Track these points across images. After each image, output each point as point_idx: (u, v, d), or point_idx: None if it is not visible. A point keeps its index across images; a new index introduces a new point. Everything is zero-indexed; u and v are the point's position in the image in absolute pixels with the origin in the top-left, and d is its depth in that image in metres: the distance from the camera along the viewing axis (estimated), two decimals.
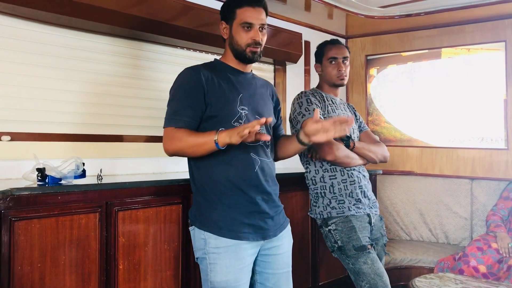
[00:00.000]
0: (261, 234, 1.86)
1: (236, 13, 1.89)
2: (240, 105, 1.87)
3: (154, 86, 2.85)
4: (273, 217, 1.91)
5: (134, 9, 2.45)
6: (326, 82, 2.59)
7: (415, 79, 3.96)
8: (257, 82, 2.04)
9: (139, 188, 2.08)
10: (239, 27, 1.88)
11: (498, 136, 3.57)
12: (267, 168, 1.92)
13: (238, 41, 1.89)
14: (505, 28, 3.52)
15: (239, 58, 1.93)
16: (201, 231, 1.83)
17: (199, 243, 1.84)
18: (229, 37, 1.92)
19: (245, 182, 1.83)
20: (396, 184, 3.91)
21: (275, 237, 1.92)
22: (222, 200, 1.82)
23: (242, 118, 1.85)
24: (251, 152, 1.87)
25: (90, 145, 2.53)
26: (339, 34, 4.06)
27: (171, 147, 1.78)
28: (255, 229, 1.85)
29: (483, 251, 3.02)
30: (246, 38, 1.88)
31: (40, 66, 2.36)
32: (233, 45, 1.91)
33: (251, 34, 1.88)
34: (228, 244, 1.79)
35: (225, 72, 1.92)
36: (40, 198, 1.78)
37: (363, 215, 2.42)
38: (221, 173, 1.82)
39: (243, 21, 1.87)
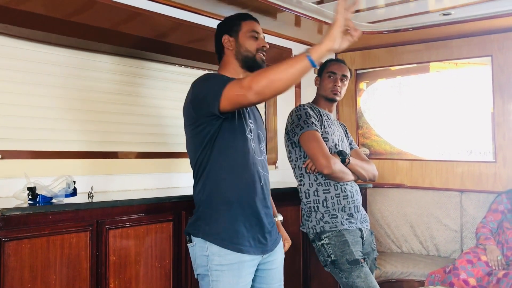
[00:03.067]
0: (261, 249, 1.88)
1: (242, 24, 1.98)
2: (249, 118, 1.93)
3: (146, 102, 2.87)
4: (270, 231, 1.93)
5: (124, 26, 2.48)
6: (321, 96, 2.64)
7: (404, 92, 4.01)
8: None
9: (130, 206, 2.08)
10: (247, 35, 1.96)
11: (486, 149, 3.61)
12: (268, 183, 1.98)
13: (248, 47, 1.95)
14: (491, 43, 3.58)
15: (248, 64, 1.96)
16: (203, 248, 1.80)
17: (201, 260, 1.82)
18: (236, 47, 1.96)
19: (252, 196, 1.86)
20: (386, 197, 3.94)
21: (272, 251, 1.94)
22: (229, 212, 1.82)
23: (252, 132, 1.91)
24: (258, 166, 1.90)
25: (81, 162, 2.53)
26: None
27: (257, 80, 1.60)
28: (256, 243, 1.86)
29: (473, 264, 3.05)
30: (255, 45, 1.96)
31: (30, 84, 2.37)
32: (242, 53, 1.95)
33: (260, 41, 1.98)
34: (232, 261, 1.79)
35: None
36: (30, 217, 1.77)
37: (355, 229, 2.44)
38: (231, 185, 1.82)
39: (252, 29, 1.97)
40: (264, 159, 1.98)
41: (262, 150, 1.98)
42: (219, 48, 2.03)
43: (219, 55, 2.05)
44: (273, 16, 3.14)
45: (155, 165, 2.86)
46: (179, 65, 3.02)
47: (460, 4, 3.03)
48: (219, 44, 2.02)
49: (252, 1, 2.81)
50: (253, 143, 1.91)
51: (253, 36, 1.97)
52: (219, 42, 2.01)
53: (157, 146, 2.90)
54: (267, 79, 1.58)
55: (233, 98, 1.67)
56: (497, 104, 3.56)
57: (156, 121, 2.90)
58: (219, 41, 2.01)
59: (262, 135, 2.02)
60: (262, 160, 1.96)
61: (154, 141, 2.89)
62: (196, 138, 1.84)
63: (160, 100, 2.92)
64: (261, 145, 1.99)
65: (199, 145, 1.82)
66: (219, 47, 2.03)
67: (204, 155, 1.82)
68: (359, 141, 4.14)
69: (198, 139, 1.83)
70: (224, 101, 1.69)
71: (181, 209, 2.27)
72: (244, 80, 1.64)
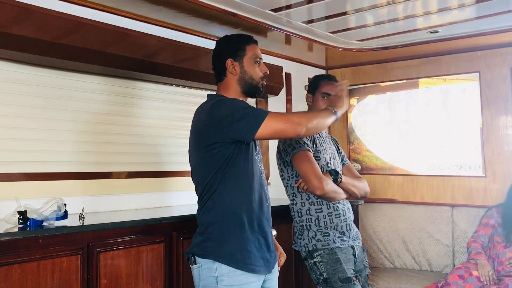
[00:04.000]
0: (268, 268, 1.91)
1: (246, 49, 1.96)
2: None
3: (137, 122, 2.87)
4: (273, 249, 1.98)
5: (114, 48, 2.49)
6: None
7: (394, 108, 4.05)
8: None
9: (121, 228, 2.08)
10: (252, 61, 1.96)
11: (476, 164, 3.64)
12: (270, 204, 2.02)
13: (253, 75, 1.96)
14: (479, 59, 3.63)
15: (251, 91, 1.99)
16: (211, 269, 1.79)
17: (208, 281, 1.80)
18: (240, 73, 1.95)
19: (261, 216, 1.90)
20: (378, 212, 3.95)
21: (273, 269, 1.97)
22: (241, 233, 1.83)
23: (258, 154, 1.97)
24: (264, 186, 1.95)
25: (72, 183, 2.52)
26: (320, 66, 4.15)
27: (309, 120, 1.87)
28: (264, 262, 1.88)
29: (465, 279, 3.05)
30: (259, 72, 1.97)
31: (21, 106, 2.37)
32: (246, 80, 1.95)
33: (262, 68, 1.99)
34: (241, 282, 1.80)
35: None
36: (21, 242, 1.77)
37: (347, 247, 2.44)
38: (243, 206, 1.84)
39: (256, 55, 1.97)
40: (265, 179, 2.02)
41: (262, 171, 2.02)
42: (220, 70, 1.98)
43: (218, 75, 2.00)
44: (264, 35, 3.18)
45: (146, 185, 2.86)
46: (170, 84, 3.04)
47: (448, 22, 3.09)
48: (220, 66, 1.97)
49: (243, 21, 2.84)
50: (260, 164, 1.98)
51: (257, 62, 1.97)
52: (221, 64, 1.96)
53: (148, 166, 2.90)
54: (316, 121, 1.88)
55: (277, 129, 1.81)
56: (485, 119, 3.60)
57: (146, 140, 2.91)
58: (221, 63, 1.96)
59: (260, 155, 2.06)
60: (265, 179, 2.01)
61: (145, 160, 2.89)
62: (208, 160, 1.83)
63: (151, 120, 2.93)
64: (261, 165, 2.02)
65: (212, 168, 1.82)
66: (219, 68, 1.98)
67: (216, 177, 1.82)
68: (350, 156, 4.16)
69: (211, 162, 1.82)
70: (264, 130, 1.77)
71: (173, 230, 2.26)
72: (291, 116, 1.96)
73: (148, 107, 2.93)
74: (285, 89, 3.81)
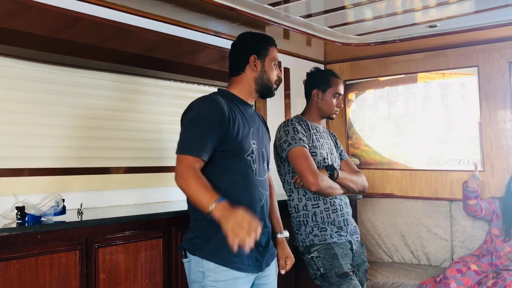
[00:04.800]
0: (259, 266, 1.89)
1: (269, 50, 1.99)
2: (252, 139, 1.92)
3: (135, 117, 2.87)
4: (267, 248, 1.95)
5: (112, 42, 2.49)
6: (318, 111, 2.62)
7: (392, 103, 4.04)
8: (257, 115, 2.09)
9: (120, 223, 2.08)
10: (271, 64, 1.99)
11: (474, 158, 3.64)
12: (268, 201, 1.99)
13: (270, 77, 1.98)
14: (477, 53, 3.63)
15: (264, 92, 2.00)
16: (199, 264, 1.80)
17: (196, 276, 1.82)
18: (260, 72, 1.96)
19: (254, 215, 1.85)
20: (377, 206, 3.96)
21: (267, 267, 1.95)
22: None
23: (254, 152, 1.90)
24: (260, 186, 1.91)
25: (70, 179, 2.52)
26: (318, 60, 4.14)
27: (180, 181, 1.72)
28: (254, 261, 1.87)
29: (463, 273, 3.06)
30: (275, 75, 2.01)
31: (18, 101, 2.37)
32: (263, 79, 1.97)
33: (278, 72, 2.03)
34: (227, 278, 1.79)
35: (235, 103, 1.93)
36: (19, 238, 1.77)
37: (345, 242, 2.45)
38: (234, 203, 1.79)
39: (276, 58, 2.01)
40: (266, 178, 1.98)
41: (264, 169, 1.98)
42: (240, 64, 1.98)
43: (237, 69, 1.99)
44: (262, 29, 3.16)
45: (145, 180, 2.85)
46: (169, 79, 3.03)
47: (446, 17, 3.07)
48: (242, 60, 1.97)
49: (241, 15, 2.83)
50: (255, 164, 1.91)
51: (275, 65, 2.01)
52: (244, 58, 1.96)
53: (146, 161, 2.90)
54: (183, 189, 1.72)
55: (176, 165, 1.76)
56: (484, 113, 3.60)
57: (145, 135, 2.90)
58: (244, 57, 1.96)
59: (266, 153, 2.01)
60: (265, 179, 1.97)
61: (143, 155, 2.89)
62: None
63: (149, 115, 2.93)
64: (264, 164, 1.99)
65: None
66: (240, 62, 1.98)
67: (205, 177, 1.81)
68: (349, 151, 4.16)
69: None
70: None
71: (171, 225, 2.27)
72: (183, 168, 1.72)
73: (146, 102, 2.92)
74: (284, 84, 3.80)
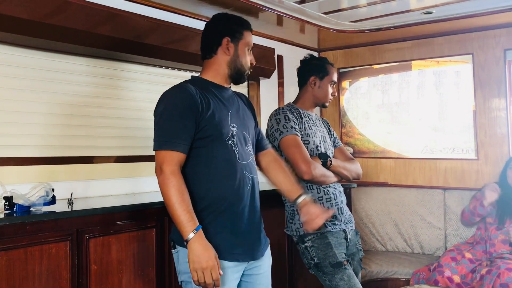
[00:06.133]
0: (251, 255, 1.85)
1: (244, 34, 1.94)
2: (231, 122, 1.86)
3: (126, 105, 2.81)
4: (259, 236, 1.91)
5: (102, 28, 2.41)
6: (313, 98, 2.59)
7: (386, 91, 4.02)
8: (236, 97, 2.02)
9: (111, 213, 2.03)
10: (245, 48, 1.94)
11: (468, 147, 3.63)
12: (256, 186, 1.93)
13: (243, 62, 1.93)
14: (472, 41, 3.60)
15: (237, 77, 1.95)
16: (186, 254, 1.75)
17: (184, 266, 1.78)
18: (233, 55, 1.91)
19: (240, 201, 1.81)
20: (370, 195, 3.94)
21: (262, 256, 1.90)
22: (215, 221, 1.77)
23: (234, 136, 1.84)
24: (244, 170, 1.85)
25: (60, 168, 2.46)
26: (312, 48, 4.09)
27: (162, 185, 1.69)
28: (245, 249, 1.83)
29: (457, 261, 3.06)
30: (248, 60, 1.96)
31: (3, 88, 2.29)
32: (236, 64, 1.92)
33: (252, 58, 1.98)
34: None
35: (209, 88, 1.88)
36: (7, 229, 1.72)
37: (339, 231, 2.42)
38: (216, 194, 1.78)
39: (250, 43, 1.96)
40: (251, 161, 1.92)
41: (248, 152, 1.91)
42: (212, 46, 1.91)
43: (209, 51, 1.92)
44: (255, 16, 3.11)
45: (136, 169, 2.80)
46: (160, 66, 2.97)
47: (441, 3, 3.04)
48: (214, 41, 1.90)
49: (234, 1, 2.77)
50: (237, 148, 1.84)
51: (249, 50, 1.96)
52: (216, 40, 1.90)
53: (138, 150, 2.84)
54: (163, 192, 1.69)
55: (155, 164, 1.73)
56: (478, 101, 3.58)
57: (136, 124, 2.85)
58: (217, 39, 1.90)
59: (249, 136, 1.95)
60: (250, 162, 1.90)
61: (134, 144, 2.83)
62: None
63: (140, 103, 2.87)
64: (247, 147, 1.92)
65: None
66: (212, 44, 1.91)
67: (186, 166, 1.77)
68: (343, 140, 4.14)
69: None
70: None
71: (164, 215, 2.22)
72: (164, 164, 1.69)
73: (137, 90, 2.86)
74: (277, 72, 3.75)
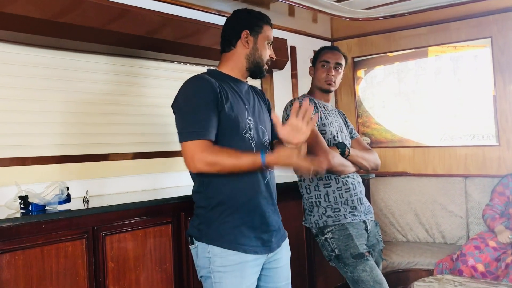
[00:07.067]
0: (268, 247, 1.84)
1: (263, 28, 1.93)
2: (248, 115, 1.85)
3: (140, 102, 2.80)
4: (276, 230, 1.89)
5: (114, 25, 2.40)
6: (315, 86, 2.56)
7: (403, 79, 3.94)
8: (252, 91, 2.01)
9: (127, 210, 2.02)
10: (264, 42, 1.93)
11: (489, 133, 3.54)
12: (273, 179, 1.93)
13: (262, 55, 1.92)
14: (490, 24, 3.50)
15: (255, 71, 1.93)
16: (205, 249, 1.76)
17: (203, 261, 1.78)
18: (252, 49, 1.90)
19: (256, 196, 1.81)
20: (389, 185, 3.88)
21: (278, 248, 1.89)
22: (233, 215, 1.77)
23: (251, 129, 1.84)
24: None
25: (75, 166, 2.46)
26: (325, 38, 4.03)
27: (204, 160, 1.65)
28: (263, 242, 1.82)
29: (481, 249, 2.99)
30: (267, 55, 1.95)
31: (18, 88, 2.29)
32: (255, 57, 1.91)
33: (271, 52, 1.97)
34: (235, 262, 1.74)
35: (226, 81, 1.87)
36: (23, 228, 1.72)
37: (359, 222, 2.38)
38: (233, 188, 1.77)
39: (270, 38, 1.95)
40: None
41: (265, 146, 1.90)
42: (231, 39, 1.91)
43: (228, 44, 1.92)
44: (266, 7, 3.07)
45: (151, 165, 2.79)
46: (172, 61, 2.95)
47: None
48: (233, 34, 1.90)
49: None
50: (253, 141, 1.84)
51: (269, 44, 1.95)
52: (236, 33, 1.90)
53: (152, 146, 2.84)
54: (215, 163, 1.66)
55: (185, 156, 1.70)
56: (498, 86, 3.48)
57: (150, 120, 2.83)
58: (236, 32, 1.90)
59: (265, 129, 1.94)
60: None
61: (149, 140, 2.82)
62: None
63: (155, 99, 2.86)
64: (264, 140, 1.91)
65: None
66: (231, 37, 1.91)
67: None
68: (359, 130, 4.08)
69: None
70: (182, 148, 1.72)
71: (180, 210, 2.21)
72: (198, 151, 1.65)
73: (150, 86, 2.85)
74: (290, 63, 3.71)
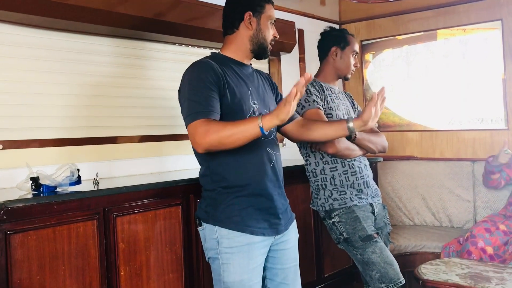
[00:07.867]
0: (275, 229, 1.84)
1: (265, 7, 1.90)
2: (252, 99, 1.84)
3: (148, 85, 2.79)
4: (284, 212, 1.90)
5: (121, 7, 2.38)
6: (335, 70, 2.54)
7: (411, 62, 3.91)
8: (257, 74, 2.00)
9: (137, 191, 2.04)
10: (267, 22, 1.90)
11: (497, 116, 3.52)
12: (279, 162, 1.92)
13: (266, 36, 1.90)
14: (501, 6, 3.45)
15: (260, 52, 1.91)
16: (212, 231, 1.77)
17: (211, 243, 1.79)
18: (255, 30, 1.87)
19: (263, 178, 1.81)
20: (397, 169, 3.87)
21: (286, 230, 1.90)
22: (239, 197, 1.77)
23: (255, 113, 1.83)
24: (267, 146, 1.84)
25: (84, 149, 2.47)
26: (333, 20, 4.00)
27: (207, 139, 1.62)
28: (270, 224, 1.82)
29: (491, 232, 2.99)
30: (271, 34, 1.92)
31: (27, 71, 2.30)
32: (259, 38, 1.88)
33: (274, 31, 1.94)
34: (242, 243, 1.75)
35: (229, 65, 1.86)
36: (35, 208, 1.73)
37: (365, 204, 2.38)
38: (238, 170, 1.78)
39: (272, 17, 1.92)
40: (274, 138, 1.91)
41: (271, 130, 1.89)
42: (234, 21, 1.88)
43: (231, 27, 1.89)
44: None
45: (159, 148, 2.80)
46: (180, 44, 2.93)
47: None
48: (236, 16, 1.87)
49: None
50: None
51: (271, 23, 1.92)
52: (238, 15, 1.87)
53: (161, 129, 2.84)
54: (218, 140, 1.62)
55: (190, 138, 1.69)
56: (508, 69, 3.45)
57: (159, 103, 2.83)
58: (239, 14, 1.86)
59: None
60: (272, 139, 1.89)
61: (158, 123, 2.83)
62: None
63: (162, 81, 2.85)
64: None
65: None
66: (234, 19, 1.88)
67: None
68: None
69: None
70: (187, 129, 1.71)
71: (189, 192, 2.22)
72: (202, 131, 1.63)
73: (157, 69, 2.84)
74: (298, 46, 3.68)
